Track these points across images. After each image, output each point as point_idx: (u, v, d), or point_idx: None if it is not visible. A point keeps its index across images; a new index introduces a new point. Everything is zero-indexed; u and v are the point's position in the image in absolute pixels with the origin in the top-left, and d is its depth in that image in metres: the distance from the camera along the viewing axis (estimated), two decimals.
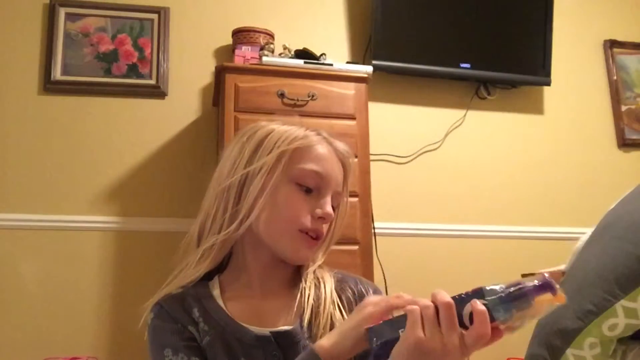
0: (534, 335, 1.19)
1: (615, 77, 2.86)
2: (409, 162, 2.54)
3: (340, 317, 0.89)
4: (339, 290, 0.94)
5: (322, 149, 0.93)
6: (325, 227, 0.92)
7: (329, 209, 0.90)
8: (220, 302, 0.90)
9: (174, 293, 0.92)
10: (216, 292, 0.92)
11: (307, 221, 0.89)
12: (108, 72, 2.33)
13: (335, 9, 2.61)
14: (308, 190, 0.91)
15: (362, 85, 2.14)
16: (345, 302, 0.92)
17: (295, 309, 0.90)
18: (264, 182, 0.89)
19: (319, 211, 0.89)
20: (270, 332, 0.86)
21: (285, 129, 0.93)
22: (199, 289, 0.92)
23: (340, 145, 0.96)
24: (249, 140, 0.94)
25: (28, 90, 2.27)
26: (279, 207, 0.89)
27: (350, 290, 0.95)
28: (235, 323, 0.87)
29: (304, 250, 0.90)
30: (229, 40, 2.39)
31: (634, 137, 2.81)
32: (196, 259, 0.93)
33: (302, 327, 0.87)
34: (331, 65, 2.15)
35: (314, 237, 0.90)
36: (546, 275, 0.66)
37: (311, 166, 0.90)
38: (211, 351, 0.85)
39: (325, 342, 0.76)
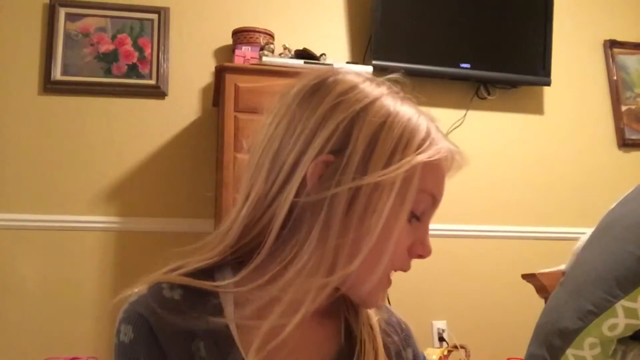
0: (534, 336, 1.19)
1: (615, 77, 2.86)
2: None
3: None
4: (384, 334, 0.73)
5: (446, 164, 0.66)
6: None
7: (429, 242, 0.66)
8: (236, 336, 0.62)
9: (167, 297, 0.63)
10: (229, 309, 0.64)
11: (404, 258, 0.65)
12: (108, 72, 2.33)
13: (335, 9, 2.61)
14: (415, 218, 0.65)
15: None
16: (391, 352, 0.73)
17: (332, 343, 0.69)
18: (387, 203, 0.61)
19: (421, 249, 0.66)
20: None
21: (407, 116, 0.65)
22: (208, 302, 0.63)
23: (463, 160, 0.70)
24: (383, 129, 0.63)
25: (28, 90, 2.27)
26: (387, 239, 0.62)
27: (394, 338, 0.75)
28: None
29: (382, 294, 0.68)
30: (229, 40, 2.39)
31: (634, 137, 2.81)
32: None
33: None
34: (331, 65, 2.15)
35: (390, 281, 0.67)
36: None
37: (431, 189, 0.64)
38: None
39: None
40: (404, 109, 0.66)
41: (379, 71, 2.37)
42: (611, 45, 2.89)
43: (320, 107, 0.64)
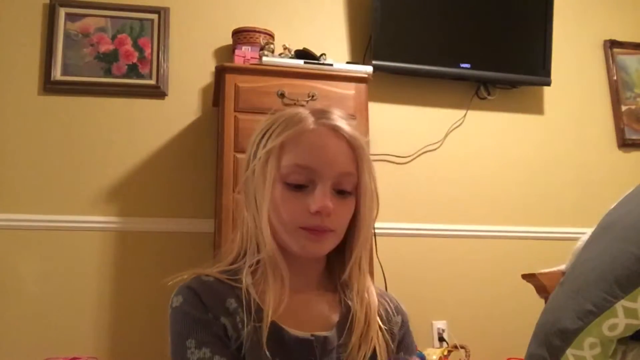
0: (534, 335, 1.19)
1: (615, 77, 2.86)
2: (409, 162, 2.54)
3: (377, 333, 0.88)
4: (379, 304, 0.92)
5: (312, 136, 0.85)
6: (330, 220, 0.84)
7: (322, 202, 0.82)
8: (255, 295, 0.84)
9: (204, 279, 0.86)
10: (248, 281, 0.86)
11: (305, 219, 0.83)
12: (108, 72, 2.33)
13: (335, 9, 2.61)
14: (300, 187, 0.84)
15: (362, 86, 2.14)
16: (384, 318, 0.92)
17: (332, 312, 0.89)
18: (261, 182, 0.86)
19: (312, 207, 0.82)
20: (312, 335, 0.84)
21: (283, 117, 0.88)
22: (231, 277, 0.86)
23: (341, 124, 0.87)
24: (259, 129, 0.90)
25: (28, 90, 2.27)
26: (277, 207, 0.85)
27: (386, 307, 0.94)
28: (274, 322, 0.82)
29: (312, 245, 0.84)
30: (229, 40, 2.39)
31: (634, 137, 2.81)
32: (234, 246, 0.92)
33: (338, 334, 0.86)
34: (331, 65, 2.15)
35: (319, 229, 0.84)
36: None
37: (294, 160, 0.84)
38: (250, 345, 0.80)
39: None
40: (287, 113, 0.89)
41: (379, 71, 2.37)
42: (611, 45, 2.89)
43: None
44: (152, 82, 2.35)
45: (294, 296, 0.86)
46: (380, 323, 0.90)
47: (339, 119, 0.88)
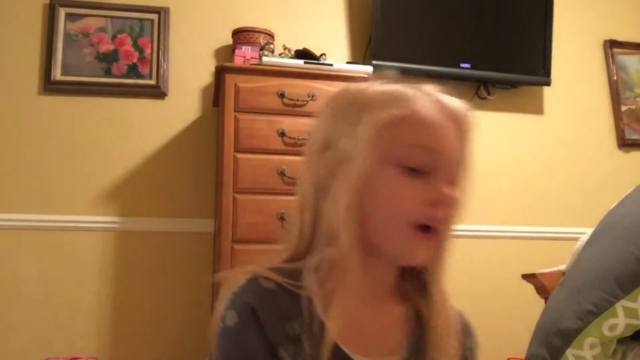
0: (534, 336, 1.19)
1: (615, 77, 2.86)
2: None
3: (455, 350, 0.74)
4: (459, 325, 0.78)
5: (428, 111, 0.71)
6: (445, 213, 0.71)
7: (446, 189, 0.70)
8: (319, 311, 0.69)
9: (264, 286, 0.69)
10: (314, 288, 0.70)
11: (420, 211, 0.68)
12: (108, 72, 2.33)
13: (335, 9, 2.61)
14: (415, 171, 0.69)
15: None
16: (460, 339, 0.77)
17: (401, 328, 0.75)
18: (358, 162, 0.69)
19: (433, 195, 0.69)
20: None
21: (382, 91, 0.73)
22: (295, 283, 0.70)
23: (454, 102, 0.75)
24: (341, 108, 0.74)
25: (28, 90, 2.27)
26: (380, 200, 0.69)
27: (470, 334, 0.81)
28: (339, 349, 0.69)
29: (421, 250, 0.70)
30: (229, 40, 2.39)
31: (634, 137, 2.81)
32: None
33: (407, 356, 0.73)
34: (331, 65, 2.15)
35: (433, 230, 0.70)
36: None
37: (415, 139, 0.69)
38: None
39: None
40: (383, 88, 0.74)
41: (379, 71, 2.37)
42: (611, 45, 2.89)
43: None
44: (152, 82, 2.35)
45: (362, 314, 0.73)
46: (460, 335, 0.78)
47: (457, 101, 0.76)
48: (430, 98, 0.73)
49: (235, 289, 0.70)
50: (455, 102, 0.75)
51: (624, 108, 2.83)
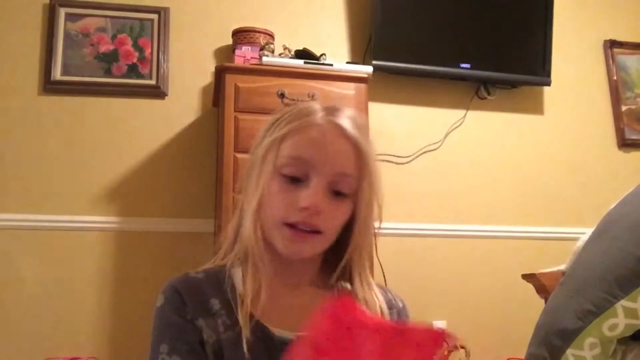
0: (534, 336, 1.19)
1: (615, 77, 2.86)
2: (409, 162, 2.54)
3: None
4: (388, 302, 0.89)
5: (315, 129, 0.82)
6: (318, 219, 0.80)
7: (312, 198, 0.79)
8: (242, 292, 0.82)
9: (192, 275, 0.85)
10: (238, 279, 0.84)
11: (291, 214, 0.80)
12: (108, 72, 2.33)
13: (335, 9, 2.61)
14: (295, 181, 0.81)
15: (362, 86, 2.14)
16: (386, 304, 0.89)
17: None
18: (258, 171, 0.84)
19: (301, 202, 0.79)
20: (298, 335, 0.79)
21: (294, 109, 0.86)
22: (220, 275, 0.85)
23: (348, 125, 0.83)
24: (268, 122, 0.88)
25: (28, 90, 2.27)
26: (269, 200, 0.82)
27: (388, 296, 0.91)
28: (259, 323, 0.81)
29: (293, 245, 0.81)
30: (229, 40, 2.39)
31: (634, 137, 2.81)
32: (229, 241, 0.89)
33: None
34: (331, 65, 2.15)
35: (307, 231, 0.81)
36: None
37: (291, 152, 0.81)
38: (230, 348, 0.78)
39: None
40: (300, 106, 0.86)
41: (379, 71, 2.37)
42: (611, 45, 2.89)
43: None
44: (152, 82, 2.35)
45: (283, 296, 0.85)
46: (385, 307, 0.88)
47: (348, 120, 0.84)
48: (330, 119, 0.83)
49: (169, 281, 0.84)
50: (352, 130, 0.83)
51: (624, 108, 2.83)
